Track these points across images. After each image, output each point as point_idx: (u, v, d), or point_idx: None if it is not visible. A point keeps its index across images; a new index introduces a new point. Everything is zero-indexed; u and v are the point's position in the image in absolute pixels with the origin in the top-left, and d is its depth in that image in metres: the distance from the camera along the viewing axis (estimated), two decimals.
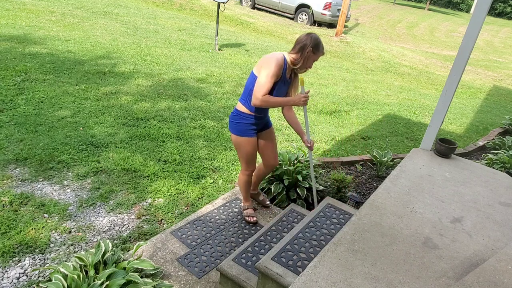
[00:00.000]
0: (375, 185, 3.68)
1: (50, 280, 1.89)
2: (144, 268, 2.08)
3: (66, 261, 2.25)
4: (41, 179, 2.97)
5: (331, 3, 13.00)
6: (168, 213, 2.87)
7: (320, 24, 13.80)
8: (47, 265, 2.22)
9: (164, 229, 2.68)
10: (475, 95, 8.74)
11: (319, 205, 2.65)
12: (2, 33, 6.20)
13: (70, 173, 3.10)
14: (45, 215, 2.61)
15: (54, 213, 2.65)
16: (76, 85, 4.77)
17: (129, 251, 2.40)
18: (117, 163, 3.33)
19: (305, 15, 13.66)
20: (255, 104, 2.31)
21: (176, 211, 2.91)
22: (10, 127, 3.56)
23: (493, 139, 5.23)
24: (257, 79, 2.30)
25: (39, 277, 2.16)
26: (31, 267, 2.20)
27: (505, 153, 4.22)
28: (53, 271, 1.96)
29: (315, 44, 2.29)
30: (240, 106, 2.49)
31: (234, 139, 2.57)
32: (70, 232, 2.52)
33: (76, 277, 1.85)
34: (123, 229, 2.64)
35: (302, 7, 13.62)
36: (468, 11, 32.47)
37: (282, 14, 14.36)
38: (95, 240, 2.50)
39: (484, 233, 1.92)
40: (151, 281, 1.99)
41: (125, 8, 10.57)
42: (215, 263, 2.41)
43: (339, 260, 1.62)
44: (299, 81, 2.49)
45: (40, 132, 3.58)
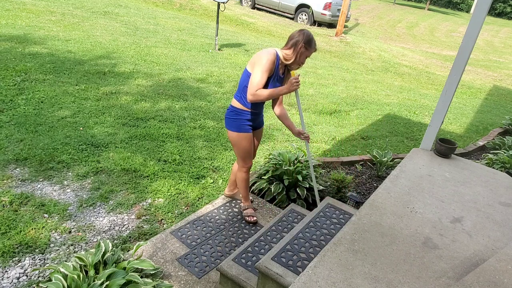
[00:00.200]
0: (375, 185, 3.68)
1: (50, 280, 1.89)
2: (144, 268, 2.08)
3: (66, 261, 2.25)
4: (41, 179, 2.97)
5: (331, 3, 13.00)
6: (168, 213, 2.87)
7: (320, 24, 13.81)
8: (47, 265, 2.22)
9: (164, 229, 2.68)
10: (475, 95, 8.74)
11: (319, 205, 2.65)
12: (2, 33, 6.20)
13: (70, 173, 3.11)
14: (45, 215, 2.61)
15: (54, 213, 2.65)
16: (76, 85, 4.77)
17: (129, 251, 2.40)
18: (117, 163, 3.33)
19: (305, 15, 13.66)
20: (251, 100, 2.35)
21: (176, 211, 2.91)
22: (10, 127, 3.56)
23: (493, 139, 5.23)
24: (251, 76, 2.34)
25: (39, 277, 2.16)
26: (31, 267, 2.20)
27: (505, 153, 4.22)
28: (53, 271, 1.96)
29: (307, 40, 2.32)
30: (235, 102, 2.52)
31: (230, 135, 2.60)
32: (70, 232, 2.52)
33: (76, 277, 1.85)
34: (123, 229, 2.64)
35: (302, 7, 13.63)
36: (468, 11, 32.48)
37: (282, 14, 14.37)
38: (95, 240, 2.50)
39: (484, 233, 1.92)
40: (151, 281, 1.99)
41: (125, 8, 10.57)
42: (215, 263, 2.41)
43: (339, 260, 1.62)
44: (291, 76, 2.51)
45: (40, 132, 3.58)
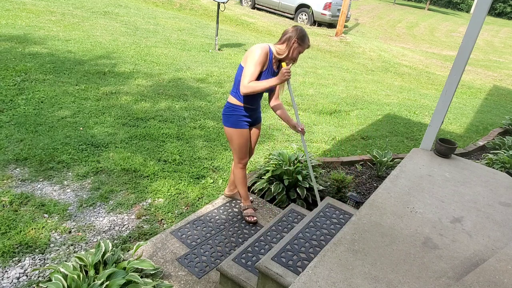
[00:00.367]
0: (375, 185, 3.68)
1: (50, 280, 1.89)
2: (144, 268, 2.08)
3: (66, 261, 2.25)
4: (41, 179, 2.97)
5: (331, 3, 13.00)
6: (168, 213, 2.87)
7: (320, 24, 13.81)
8: (47, 265, 2.22)
9: (164, 229, 2.68)
10: (475, 95, 8.73)
11: (319, 205, 2.65)
12: (2, 33, 6.20)
13: (70, 173, 3.11)
14: (45, 215, 2.61)
15: (54, 213, 2.65)
16: (76, 85, 4.77)
17: (129, 251, 2.40)
18: (117, 163, 3.33)
19: (305, 15, 13.66)
20: (243, 92, 2.37)
21: (176, 211, 2.91)
22: (10, 127, 3.56)
23: (493, 139, 5.23)
24: (243, 69, 2.38)
25: (39, 277, 2.16)
26: (31, 267, 2.20)
27: (505, 153, 4.22)
28: (53, 271, 1.96)
29: (300, 36, 2.36)
30: (231, 98, 2.54)
31: (227, 131, 2.61)
32: (70, 232, 2.52)
33: (76, 277, 1.85)
34: (123, 229, 2.64)
35: (302, 7, 13.62)
36: (468, 11, 32.48)
37: (282, 14, 14.36)
38: (95, 240, 2.50)
39: (484, 233, 1.92)
40: (151, 281, 1.99)
41: (125, 8, 10.57)
42: (215, 263, 2.41)
43: (339, 260, 1.62)
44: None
45: (40, 132, 3.58)
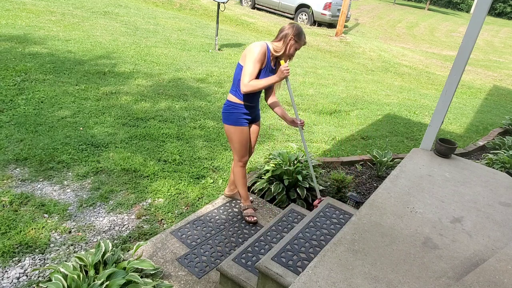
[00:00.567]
0: (375, 185, 3.68)
1: (50, 280, 1.89)
2: (144, 268, 2.08)
3: (66, 261, 2.25)
4: (41, 179, 2.97)
5: (331, 3, 13.00)
6: (168, 213, 2.87)
7: (320, 24, 13.81)
8: (47, 265, 2.22)
9: (164, 229, 2.68)
10: (475, 95, 8.73)
11: (319, 205, 2.65)
12: (2, 33, 6.20)
13: (70, 173, 3.11)
14: (45, 215, 2.61)
15: (54, 213, 2.65)
16: (76, 85, 4.77)
17: (129, 251, 2.40)
18: (117, 163, 3.33)
19: (305, 15, 13.66)
20: (244, 91, 2.40)
21: (176, 211, 2.91)
22: (10, 127, 3.56)
23: (493, 139, 5.23)
24: (243, 68, 2.40)
25: (39, 277, 2.16)
26: (31, 267, 2.20)
27: (505, 153, 4.22)
28: (53, 271, 1.96)
29: (297, 33, 2.39)
30: (231, 97, 2.56)
31: (227, 129, 2.63)
32: (70, 232, 2.52)
33: (76, 277, 1.85)
34: (123, 229, 2.64)
35: (302, 7, 13.62)
36: (468, 11, 32.48)
37: (282, 14, 14.36)
38: (95, 240, 2.50)
39: (484, 233, 1.92)
40: (151, 281, 1.99)
41: (125, 8, 10.57)
42: (215, 263, 2.41)
43: (339, 260, 1.62)
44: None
45: (40, 132, 3.58)
